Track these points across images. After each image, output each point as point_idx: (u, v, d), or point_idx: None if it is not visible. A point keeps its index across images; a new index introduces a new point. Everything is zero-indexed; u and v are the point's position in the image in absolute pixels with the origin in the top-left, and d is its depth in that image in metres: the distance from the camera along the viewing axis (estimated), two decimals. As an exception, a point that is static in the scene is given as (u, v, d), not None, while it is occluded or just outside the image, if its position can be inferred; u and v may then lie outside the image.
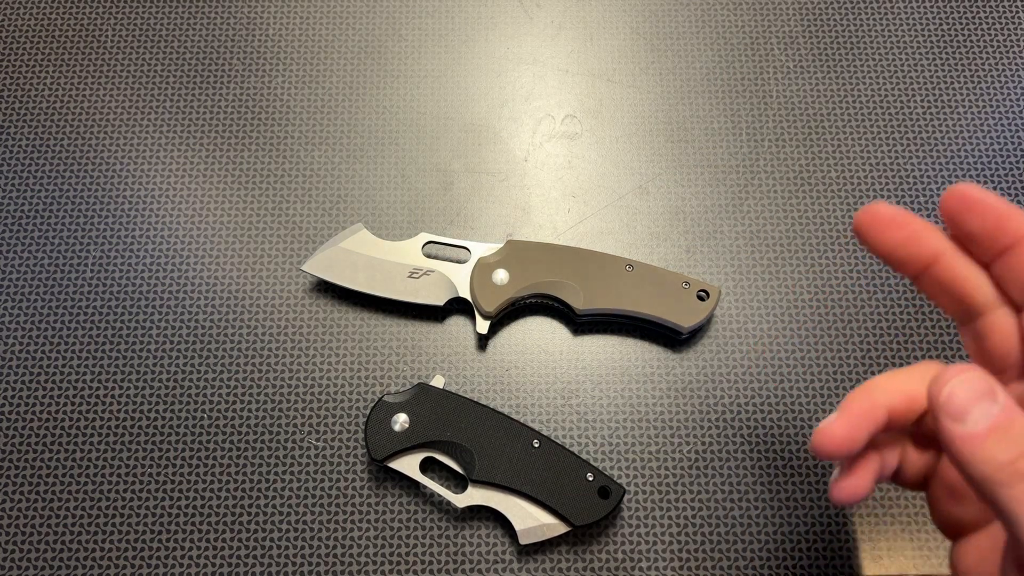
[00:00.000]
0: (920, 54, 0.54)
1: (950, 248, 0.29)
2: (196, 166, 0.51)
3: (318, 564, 0.42)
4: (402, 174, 0.51)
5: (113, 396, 0.45)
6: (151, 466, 0.44)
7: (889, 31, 0.55)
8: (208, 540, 0.43)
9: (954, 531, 0.30)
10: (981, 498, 0.24)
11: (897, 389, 0.29)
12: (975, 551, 0.29)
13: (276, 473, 0.44)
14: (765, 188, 0.51)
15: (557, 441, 0.44)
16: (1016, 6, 0.56)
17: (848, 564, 0.42)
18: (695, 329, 0.45)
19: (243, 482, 0.44)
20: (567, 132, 0.52)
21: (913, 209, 0.50)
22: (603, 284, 0.45)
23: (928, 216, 0.50)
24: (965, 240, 0.28)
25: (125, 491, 0.43)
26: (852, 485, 0.29)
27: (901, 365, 0.46)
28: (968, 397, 0.24)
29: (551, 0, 0.56)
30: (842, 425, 0.28)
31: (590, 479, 0.41)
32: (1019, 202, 0.50)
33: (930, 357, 0.46)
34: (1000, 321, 0.28)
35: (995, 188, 0.51)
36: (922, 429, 0.30)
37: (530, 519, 0.41)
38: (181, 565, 0.42)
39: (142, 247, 0.49)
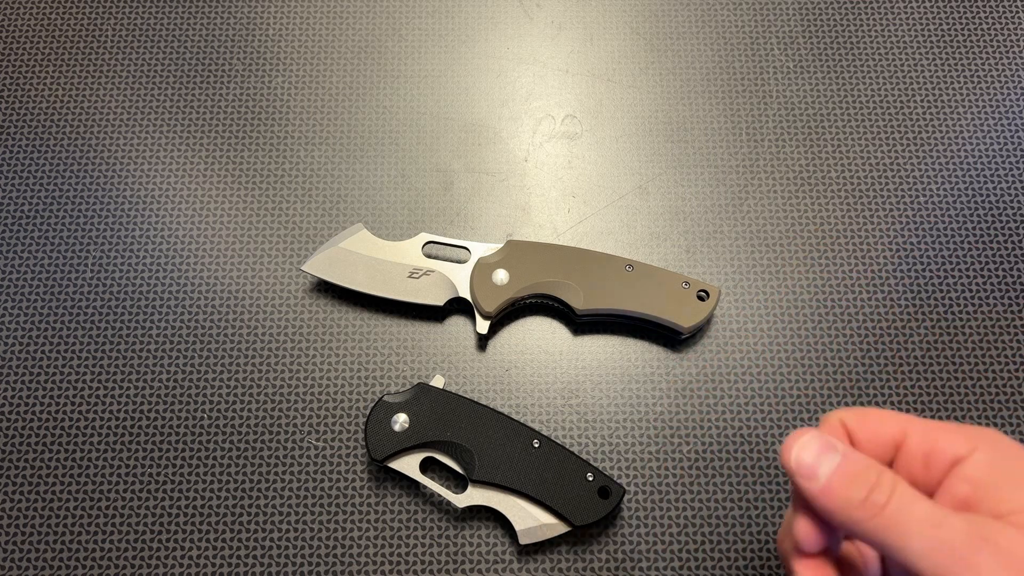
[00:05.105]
0: (920, 54, 0.54)
1: None
2: (196, 166, 0.51)
3: (318, 564, 0.42)
4: (402, 174, 0.51)
5: (113, 396, 0.45)
6: (151, 466, 0.44)
7: (889, 31, 0.55)
8: (208, 540, 0.43)
9: None
10: (862, 541, 0.26)
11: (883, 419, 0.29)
12: None
13: (276, 473, 0.44)
14: (765, 188, 0.51)
15: (557, 441, 0.44)
16: (1016, 6, 0.56)
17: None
18: (695, 329, 0.45)
19: (243, 482, 0.44)
20: (567, 132, 0.52)
21: (912, 211, 0.50)
22: (603, 284, 0.45)
23: (927, 214, 0.50)
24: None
25: (125, 491, 0.43)
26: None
27: (901, 365, 0.46)
28: (813, 456, 0.27)
29: (551, 0, 0.56)
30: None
31: (590, 479, 0.41)
32: (1018, 203, 0.50)
33: (929, 358, 0.46)
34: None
35: (995, 188, 0.51)
36: None
37: (530, 519, 0.41)
38: (181, 565, 0.42)
39: (142, 247, 0.49)
